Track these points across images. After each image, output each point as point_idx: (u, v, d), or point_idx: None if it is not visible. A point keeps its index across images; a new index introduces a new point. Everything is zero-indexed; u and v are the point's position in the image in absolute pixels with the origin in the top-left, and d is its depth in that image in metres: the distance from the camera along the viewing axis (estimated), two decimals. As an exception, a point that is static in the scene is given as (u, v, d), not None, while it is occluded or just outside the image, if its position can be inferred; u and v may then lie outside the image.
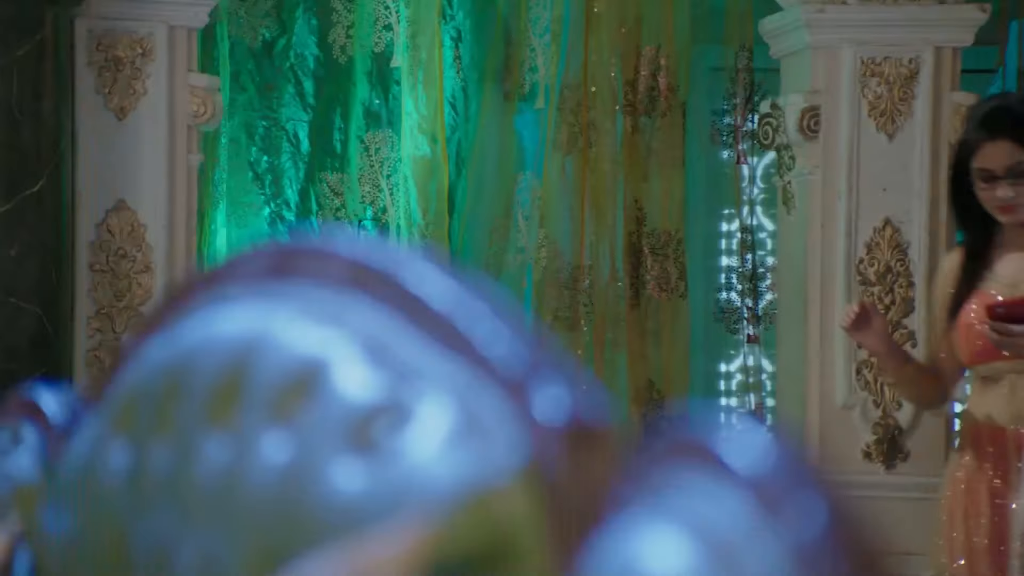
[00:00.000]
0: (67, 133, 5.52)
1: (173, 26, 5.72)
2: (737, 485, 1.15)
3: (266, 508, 1.48)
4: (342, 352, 1.51)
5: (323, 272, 1.58)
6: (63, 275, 5.50)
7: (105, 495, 1.74)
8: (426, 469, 1.37)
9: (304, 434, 1.49)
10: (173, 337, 1.75)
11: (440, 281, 1.47)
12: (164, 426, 1.67)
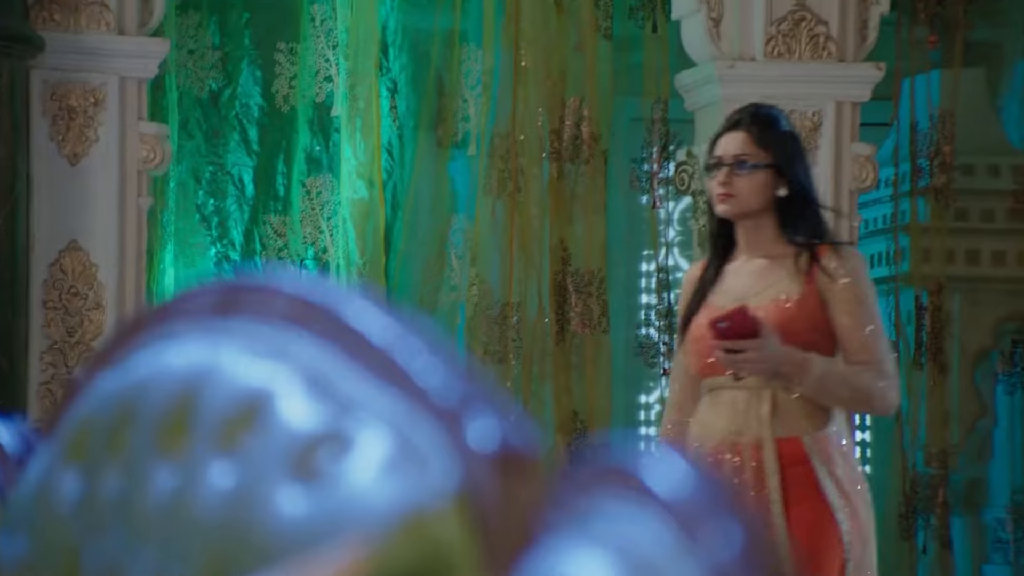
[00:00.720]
0: (22, 178, 5.49)
1: (124, 77, 5.70)
2: (658, 509, 1.15)
3: (214, 531, 1.48)
4: (285, 385, 1.51)
5: (266, 309, 1.58)
6: (18, 312, 5.47)
7: (57, 521, 1.73)
8: (365, 494, 1.37)
9: (249, 462, 1.48)
10: (123, 371, 1.74)
11: (378, 317, 1.47)
12: (115, 454, 1.67)
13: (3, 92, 5.41)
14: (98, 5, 5.65)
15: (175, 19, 6.30)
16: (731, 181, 3.98)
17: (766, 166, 4.00)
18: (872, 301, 4.03)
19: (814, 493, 3.94)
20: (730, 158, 3.99)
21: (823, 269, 3.97)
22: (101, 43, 5.67)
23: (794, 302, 3.96)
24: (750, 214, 4.02)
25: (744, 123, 4.04)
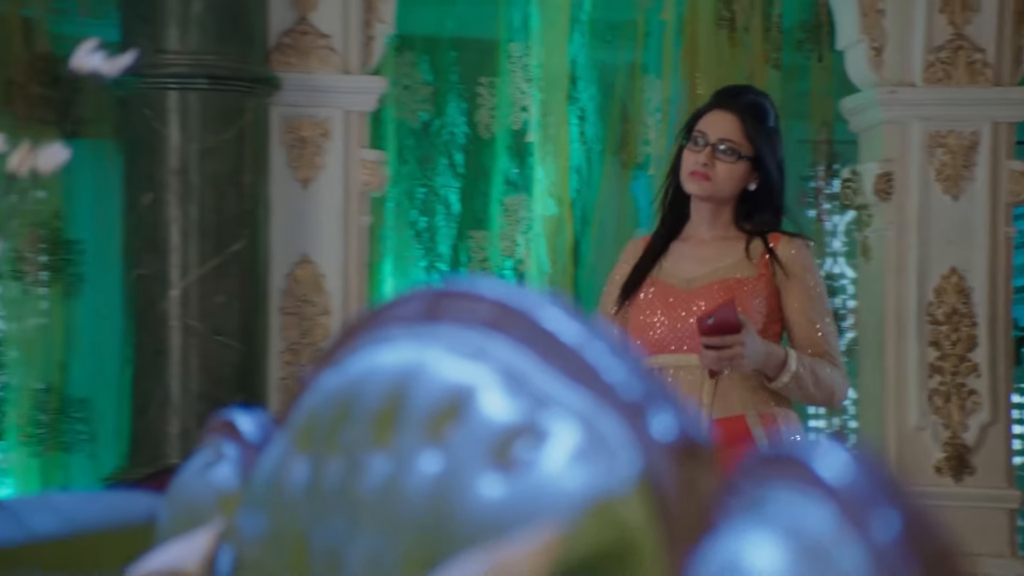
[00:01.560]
0: (263, 200, 5.57)
1: (348, 111, 5.77)
2: (824, 496, 1.13)
3: (421, 515, 1.47)
4: (485, 382, 1.50)
5: (469, 314, 1.57)
6: (259, 316, 5.55)
7: (289, 502, 1.74)
8: (557, 481, 1.35)
9: (453, 452, 1.48)
10: (344, 369, 1.75)
11: (568, 321, 1.46)
12: (335, 444, 1.67)
13: (248, 126, 5.50)
14: (327, 49, 5.72)
15: (392, 59, 6.35)
16: (712, 163, 3.52)
17: (747, 158, 3.56)
18: (824, 293, 3.62)
19: None
20: (715, 138, 3.52)
21: (779, 256, 3.55)
22: (329, 82, 5.73)
23: (744, 284, 3.54)
24: (718, 200, 3.59)
25: (736, 107, 3.58)
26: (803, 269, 3.56)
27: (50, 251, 5.94)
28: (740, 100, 3.59)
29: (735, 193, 3.57)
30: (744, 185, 3.57)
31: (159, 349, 5.35)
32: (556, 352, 1.44)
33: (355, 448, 1.62)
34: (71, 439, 6.00)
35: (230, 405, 3.14)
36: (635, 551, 1.25)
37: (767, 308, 3.53)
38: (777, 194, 3.61)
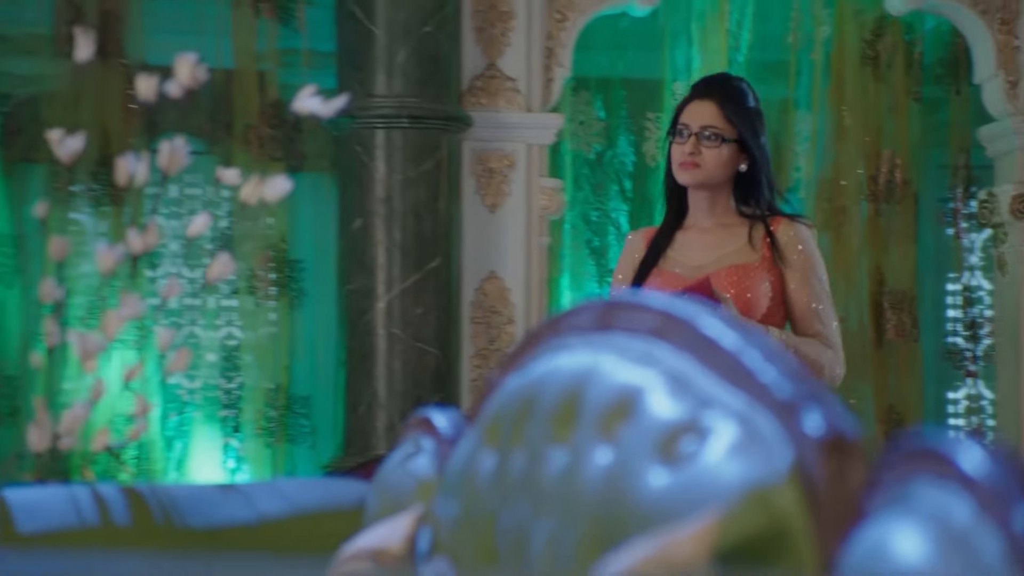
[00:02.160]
0: (456, 224, 5.61)
1: (530, 144, 5.78)
2: (966, 488, 1.09)
3: (595, 502, 1.46)
4: (653, 384, 1.48)
5: (638, 322, 1.55)
6: (453, 326, 5.58)
7: (479, 489, 1.74)
8: (717, 473, 1.33)
9: (624, 446, 1.46)
10: (527, 372, 1.74)
11: (726, 329, 1.43)
12: (520, 438, 1.66)
13: (443, 159, 5.55)
14: (512, 90, 5.74)
15: (569, 98, 6.35)
16: (698, 151, 3.26)
17: (732, 140, 3.28)
18: (823, 273, 3.33)
19: None
20: (697, 127, 3.27)
21: (778, 239, 3.27)
22: (514, 119, 5.75)
23: (751, 269, 3.26)
24: (715, 186, 3.31)
25: (715, 94, 3.31)
26: (800, 251, 3.28)
27: (277, 269, 6.05)
28: (717, 87, 3.35)
29: (726, 177, 3.31)
30: (734, 168, 3.31)
31: (367, 354, 5.41)
32: (715, 357, 1.42)
33: (537, 442, 1.61)
34: (295, 432, 6.09)
35: (428, 404, 3.16)
36: (787, 536, 1.22)
37: (773, 291, 3.27)
38: (768, 171, 3.34)
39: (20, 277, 5.87)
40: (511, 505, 1.63)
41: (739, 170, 3.29)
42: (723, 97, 3.29)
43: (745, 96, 3.33)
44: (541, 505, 1.56)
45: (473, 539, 1.72)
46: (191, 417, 5.96)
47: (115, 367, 5.26)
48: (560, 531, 1.50)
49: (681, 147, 3.27)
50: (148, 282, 5.88)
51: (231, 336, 6.19)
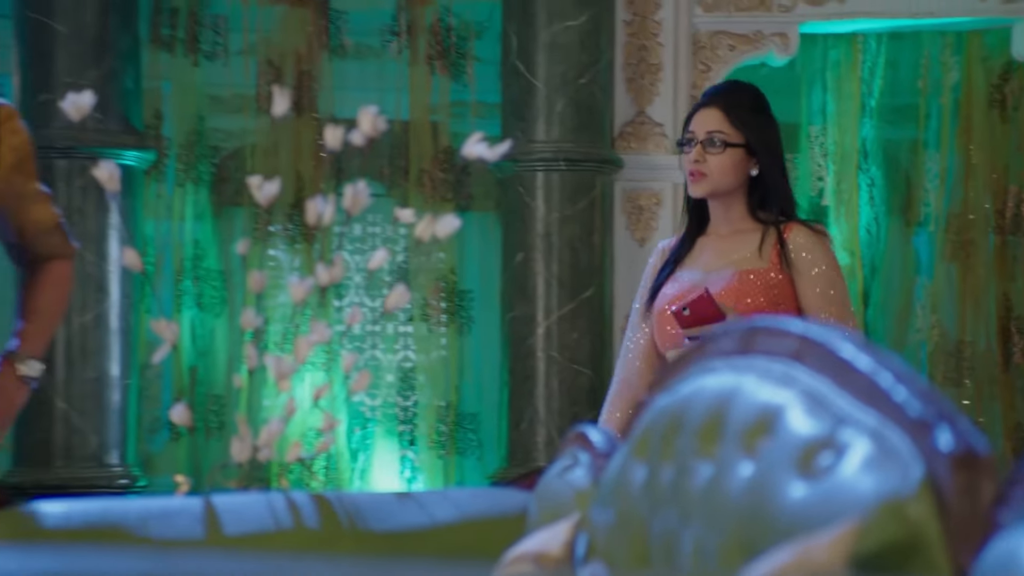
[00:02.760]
0: (608, 257, 5.60)
1: (676, 183, 5.75)
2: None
3: (739, 512, 1.43)
4: (792, 403, 1.45)
5: (777, 346, 1.53)
6: (606, 350, 5.56)
7: (631, 499, 1.72)
8: (853, 485, 1.30)
9: (765, 460, 1.43)
10: (674, 392, 1.73)
11: (861, 352, 1.40)
12: (668, 452, 1.64)
13: (597, 198, 5.55)
14: (660, 135, 5.73)
15: (712, 141, 6.31)
16: (704, 158, 2.98)
17: (738, 145, 2.99)
18: (837, 279, 3.02)
19: None
20: (703, 134, 2.99)
21: (791, 245, 2.97)
22: (661, 161, 5.73)
23: (755, 274, 2.96)
24: (725, 193, 3.02)
25: (719, 101, 3.03)
26: (809, 258, 2.98)
27: (447, 299, 6.09)
28: (722, 94, 3.07)
29: (737, 183, 3.02)
30: (743, 173, 3.01)
31: (529, 375, 5.42)
32: (850, 378, 1.39)
33: (684, 456, 1.59)
34: (464, 445, 6.12)
35: (583, 421, 3.14)
36: (921, 546, 1.18)
37: (782, 298, 2.97)
38: (782, 175, 3.03)
39: (226, 307, 6.00)
40: (661, 513, 1.61)
41: (751, 175, 3.01)
42: (727, 103, 3.02)
43: (752, 102, 3.05)
44: (688, 513, 1.53)
45: (626, 544, 1.70)
46: (372, 432, 6.03)
47: (306, 387, 5.35)
48: (706, 537, 1.48)
49: (688, 156, 3.01)
50: (335, 311, 5.98)
51: (407, 359, 6.26)
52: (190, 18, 5.90)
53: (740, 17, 5.80)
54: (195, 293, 5.99)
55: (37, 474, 5.21)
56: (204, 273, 6.02)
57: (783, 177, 3.02)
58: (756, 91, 3.08)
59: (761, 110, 3.04)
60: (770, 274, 2.97)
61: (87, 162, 4.93)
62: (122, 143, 5.28)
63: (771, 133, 3.02)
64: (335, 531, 2.01)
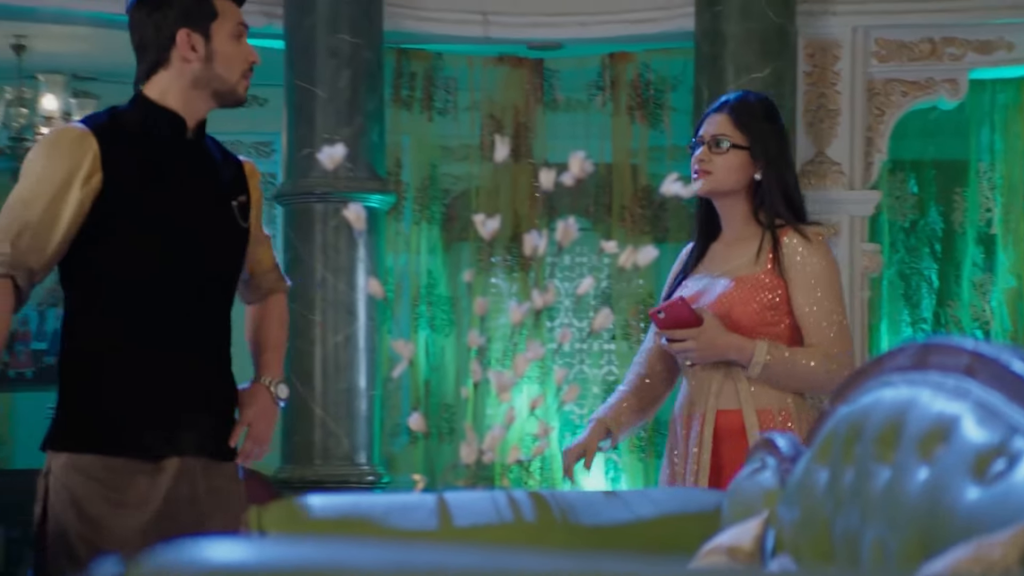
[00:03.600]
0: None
1: (853, 216, 5.63)
2: None
3: (916, 513, 1.37)
4: (966, 414, 1.39)
5: (951, 362, 1.46)
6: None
7: (814, 499, 1.67)
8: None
9: (940, 466, 1.37)
10: (854, 403, 1.67)
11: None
12: (849, 458, 1.59)
13: (777, 229, 5.45)
14: (838, 172, 5.62)
15: (886, 177, 6.14)
16: (709, 158, 2.75)
17: (742, 147, 2.75)
18: (828, 283, 2.70)
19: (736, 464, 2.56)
20: (709, 137, 2.77)
21: (785, 249, 2.69)
22: (839, 196, 5.62)
23: (750, 280, 2.69)
24: (725, 194, 2.77)
25: (727, 107, 2.80)
26: (799, 260, 2.69)
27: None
28: (731, 101, 2.83)
29: (739, 185, 2.77)
30: (747, 175, 2.76)
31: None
32: (1022, 391, 1.32)
33: (864, 461, 1.54)
34: (662, 449, 6.07)
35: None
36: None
37: (776, 302, 2.70)
38: (786, 180, 2.76)
39: (454, 328, 6.09)
40: (843, 513, 1.56)
41: (755, 179, 2.76)
42: (734, 109, 2.79)
43: (758, 109, 2.82)
44: (869, 514, 1.48)
45: (811, 540, 1.65)
46: (582, 436, 6.04)
47: (524, 398, 5.38)
48: (886, 536, 1.42)
49: (695, 156, 2.79)
50: (547, 331, 6.01)
51: (611, 373, 6.24)
52: (426, 80, 6.03)
53: (912, 66, 5.64)
54: (428, 316, 6.10)
55: (300, 471, 5.37)
56: (436, 299, 6.13)
57: (788, 182, 2.76)
58: (764, 100, 2.86)
59: (767, 117, 2.81)
60: (764, 279, 2.72)
61: (339, 205, 5.08)
62: (368, 188, 5.42)
63: (775, 139, 2.79)
64: (549, 525, 2.01)
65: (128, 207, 2.39)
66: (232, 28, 2.47)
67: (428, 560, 0.63)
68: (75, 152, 2.38)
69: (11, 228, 2.37)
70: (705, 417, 2.71)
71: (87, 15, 5.62)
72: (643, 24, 5.71)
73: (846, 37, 5.58)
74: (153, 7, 2.46)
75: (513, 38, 5.82)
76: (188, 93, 2.46)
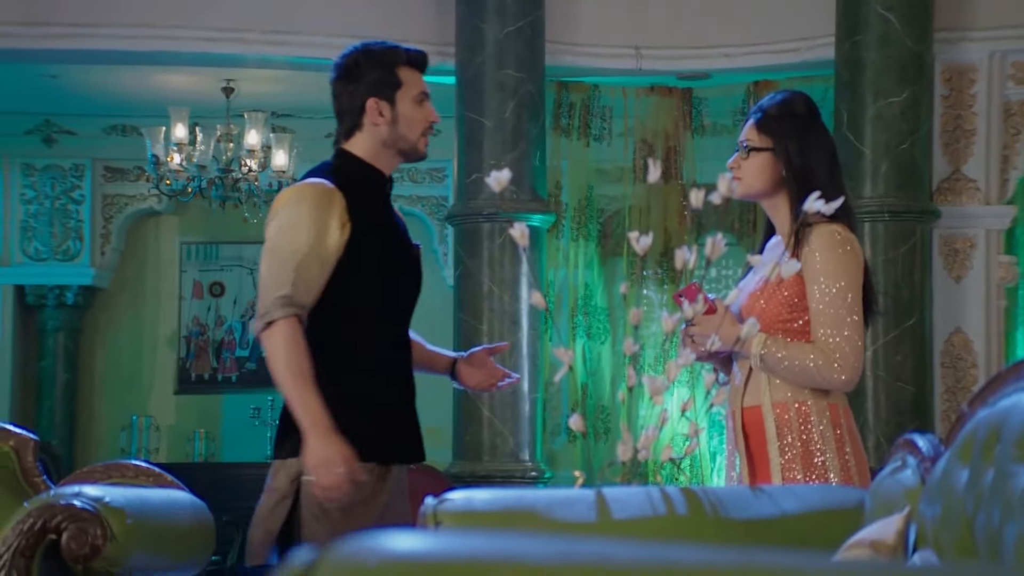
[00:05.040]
0: (928, 292, 5.32)
1: (988, 229, 5.45)
2: None
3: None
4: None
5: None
6: (927, 369, 5.27)
7: (955, 497, 1.61)
8: None
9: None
10: (993, 405, 1.60)
11: None
12: (989, 458, 1.52)
13: (917, 243, 5.29)
14: (973, 188, 5.44)
15: (1021, 193, 5.88)
16: (738, 164, 2.60)
17: (764, 149, 2.58)
18: (839, 278, 2.48)
19: (763, 458, 2.52)
20: (739, 143, 2.63)
21: (807, 247, 2.51)
22: (975, 211, 5.44)
23: (773, 281, 2.49)
24: (760, 195, 2.61)
25: (756, 112, 2.63)
26: (818, 257, 2.50)
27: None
28: (760, 106, 2.65)
29: (769, 185, 2.59)
30: (775, 175, 2.58)
31: (859, 391, 5.19)
32: None
33: (1004, 461, 1.47)
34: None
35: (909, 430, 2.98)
36: None
37: (797, 299, 2.52)
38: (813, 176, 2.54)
39: (609, 336, 6.08)
40: (983, 510, 1.49)
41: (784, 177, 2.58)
42: (757, 112, 2.63)
43: (781, 107, 2.62)
44: (1009, 512, 1.41)
45: (953, 536, 1.59)
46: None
47: (675, 400, 5.33)
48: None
49: (728, 163, 2.64)
50: (697, 338, 5.93)
51: (757, 377, 6.12)
52: (583, 109, 6.05)
53: (1050, 86, 5.42)
54: (585, 325, 6.10)
55: (470, 467, 5.43)
56: (592, 309, 6.12)
57: (816, 179, 2.54)
58: (792, 99, 2.64)
59: (789, 115, 2.61)
60: (787, 279, 2.51)
61: (505, 224, 5.13)
62: (531, 208, 5.46)
63: (798, 137, 2.58)
64: (700, 519, 1.98)
65: (370, 249, 2.58)
66: (415, 95, 2.62)
67: (591, 551, 0.63)
68: (330, 205, 2.54)
69: (287, 272, 2.51)
70: (735, 413, 2.60)
71: (285, 59, 5.83)
72: (786, 54, 5.62)
73: (983, 61, 5.39)
74: (348, 80, 2.62)
75: (664, 69, 5.79)
76: (380, 151, 2.62)
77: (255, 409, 7.93)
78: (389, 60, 2.59)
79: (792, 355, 2.50)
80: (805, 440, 2.50)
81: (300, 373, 2.45)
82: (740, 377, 2.59)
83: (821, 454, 2.50)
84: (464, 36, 5.51)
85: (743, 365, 2.59)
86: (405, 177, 7.63)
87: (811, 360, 2.49)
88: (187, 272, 8.15)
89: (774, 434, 2.51)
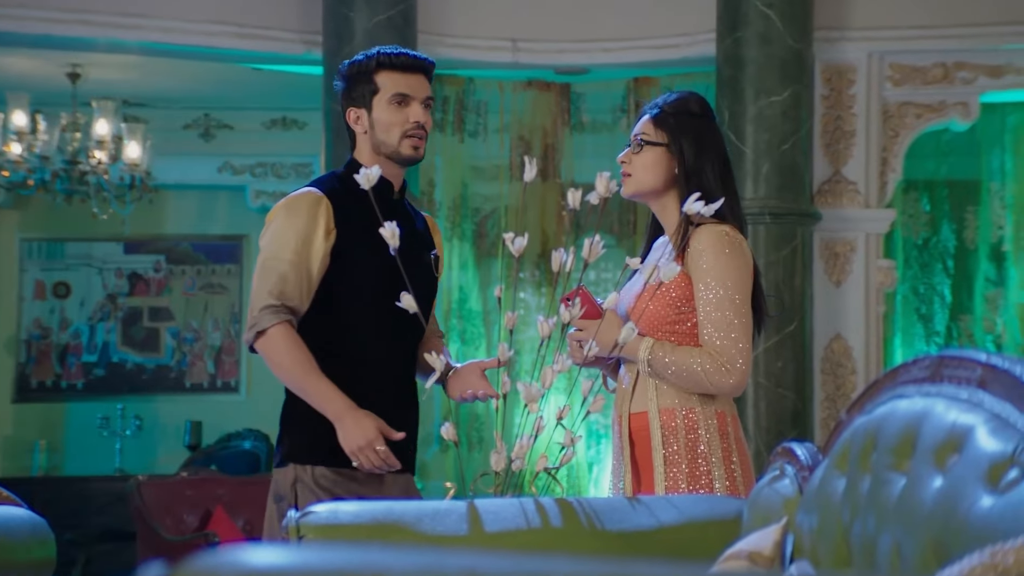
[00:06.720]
0: (808, 297, 5.46)
1: (868, 233, 5.60)
2: None
3: (930, 520, 1.36)
4: (979, 425, 1.37)
5: (964, 374, 1.45)
6: (807, 376, 5.42)
7: (832, 506, 1.66)
8: (1037, 499, 1.21)
9: (953, 475, 1.36)
10: (870, 413, 1.66)
11: (1042, 379, 1.32)
12: (865, 466, 1.58)
13: (798, 246, 5.43)
14: (854, 191, 5.60)
15: (900, 196, 6.11)
16: (629, 160, 2.58)
17: (658, 144, 2.56)
18: (727, 281, 2.47)
19: (648, 465, 2.51)
20: (631, 138, 2.60)
21: (692, 247, 2.49)
22: (854, 214, 5.59)
23: (658, 283, 2.47)
24: (649, 193, 2.59)
25: (651, 109, 2.61)
26: (704, 257, 2.48)
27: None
28: (657, 103, 2.63)
29: (660, 182, 2.58)
30: (667, 172, 2.57)
31: (740, 399, 5.32)
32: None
33: (880, 469, 1.53)
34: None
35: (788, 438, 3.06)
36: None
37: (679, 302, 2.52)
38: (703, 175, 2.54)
39: (484, 341, 6.09)
40: (860, 519, 1.55)
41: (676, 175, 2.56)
42: (654, 107, 2.62)
43: (679, 104, 2.61)
44: (885, 520, 1.47)
45: (829, 545, 1.64)
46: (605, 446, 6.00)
47: (551, 408, 5.37)
48: (903, 542, 1.41)
49: (618, 159, 2.63)
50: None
51: (636, 384, 6.21)
52: (457, 104, 6.06)
53: (926, 90, 5.62)
54: (460, 329, 6.11)
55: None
56: (467, 313, 6.13)
57: (707, 179, 2.55)
58: (688, 98, 2.63)
59: (686, 113, 2.60)
60: (673, 280, 2.51)
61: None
62: (402, 207, 5.44)
63: (695, 135, 2.58)
64: (576, 531, 2.01)
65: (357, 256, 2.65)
66: (388, 97, 2.70)
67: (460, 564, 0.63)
68: (316, 212, 2.65)
69: (271, 282, 2.63)
70: (622, 418, 2.58)
71: (137, 45, 5.68)
72: (666, 50, 5.71)
73: (861, 62, 5.57)
74: (338, 96, 2.77)
75: (541, 63, 5.83)
76: (374, 158, 2.72)
77: (103, 418, 7.72)
78: (365, 68, 2.70)
79: (679, 360, 2.48)
80: (691, 449, 2.49)
81: (308, 366, 2.55)
82: (628, 380, 2.56)
83: (706, 463, 2.48)
84: (331, 25, 5.46)
85: (631, 369, 2.57)
86: (270, 173, 7.52)
87: (698, 364, 2.46)
88: (28, 271, 7.89)
89: (659, 442, 2.50)
